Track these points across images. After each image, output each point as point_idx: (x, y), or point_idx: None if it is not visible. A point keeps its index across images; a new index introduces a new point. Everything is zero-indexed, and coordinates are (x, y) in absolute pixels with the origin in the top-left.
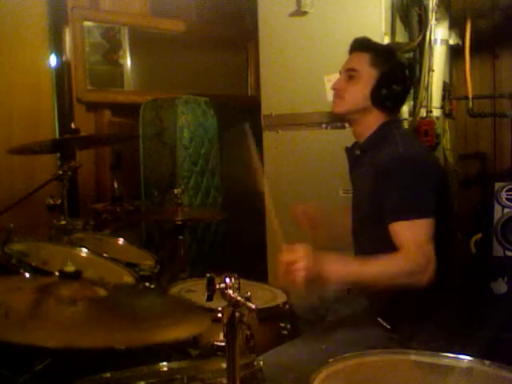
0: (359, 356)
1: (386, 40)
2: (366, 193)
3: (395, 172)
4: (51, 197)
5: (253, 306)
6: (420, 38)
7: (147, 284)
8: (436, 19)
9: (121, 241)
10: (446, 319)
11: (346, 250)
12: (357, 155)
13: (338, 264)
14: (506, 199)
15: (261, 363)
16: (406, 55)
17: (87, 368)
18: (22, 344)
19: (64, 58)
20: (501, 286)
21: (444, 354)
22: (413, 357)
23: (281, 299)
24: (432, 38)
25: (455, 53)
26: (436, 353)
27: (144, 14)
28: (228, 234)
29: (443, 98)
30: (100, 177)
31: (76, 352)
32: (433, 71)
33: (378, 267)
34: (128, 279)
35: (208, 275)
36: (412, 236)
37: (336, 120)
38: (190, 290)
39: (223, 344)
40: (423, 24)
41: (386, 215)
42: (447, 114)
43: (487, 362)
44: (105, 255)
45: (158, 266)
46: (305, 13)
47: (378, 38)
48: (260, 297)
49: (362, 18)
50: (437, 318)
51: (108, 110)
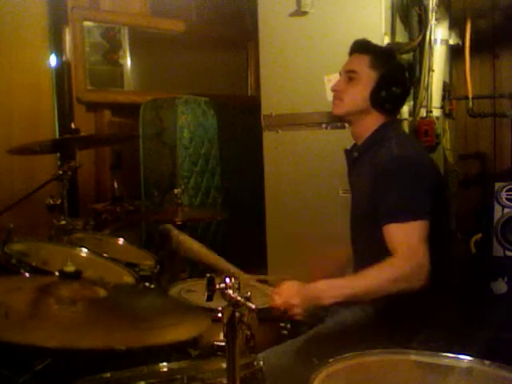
0: (359, 356)
1: (386, 40)
2: (364, 194)
3: (389, 174)
4: (51, 197)
5: (253, 306)
6: (420, 38)
7: (147, 284)
8: (436, 19)
9: (121, 241)
10: (446, 319)
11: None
12: (355, 157)
13: (332, 288)
14: (506, 199)
15: (261, 363)
16: (406, 55)
17: (87, 368)
18: (22, 344)
19: (64, 58)
20: (501, 286)
21: (444, 354)
22: (413, 357)
23: None
24: (432, 38)
25: (455, 53)
26: (436, 353)
27: (144, 14)
28: (228, 234)
29: (443, 98)
30: (100, 177)
31: (76, 352)
32: (433, 71)
33: (373, 278)
34: (128, 279)
35: (208, 275)
36: (405, 239)
37: (336, 120)
38: (190, 290)
39: (223, 344)
40: (423, 24)
41: (380, 217)
42: (447, 114)
43: (487, 362)
44: (105, 255)
45: (158, 266)
46: (305, 13)
47: (378, 38)
48: (260, 297)
49: (362, 18)
50: (437, 318)
51: (108, 110)
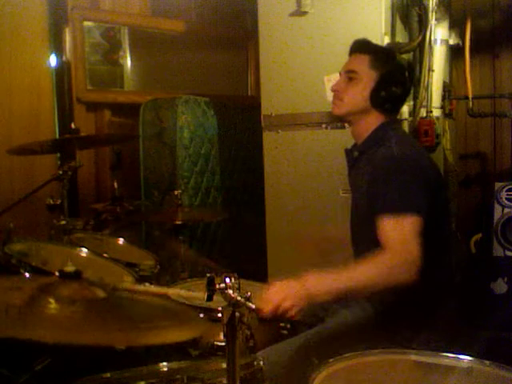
0: (359, 356)
1: (386, 40)
2: (363, 194)
3: (388, 171)
4: (51, 197)
5: (253, 306)
6: (420, 38)
7: (147, 284)
8: (436, 19)
9: (121, 241)
10: (446, 319)
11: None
12: (355, 156)
13: (322, 284)
14: (506, 199)
15: (261, 363)
16: (406, 55)
17: (87, 368)
18: (21, 339)
19: (64, 58)
20: (501, 286)
21: (444, 354)
22: (413, 357)
23: None
24: (432, 38)
25: (455, 53)
26: (436, 353)
27: (144, 14)
28: (228, 234)
29: (443, 98)
30: (100, 177)
31: (76, 352)
32: (433, 71)
33: (363, 272)
34: (128, 279)
35: (208, 275)
36: (397, 232)
37: (336, 120)
38: (190, 290)
39: (223, 344)
40: (423, 24)
41: (375, 210)
42: (447, 114)
43: (487, 362)
44: (105, 255)
45: (158, 266)
46: (305, 13)
47: (378, 38)
48: (260, 297)
49: (362, 18)
50: (437, 318)
51: (108, 110)
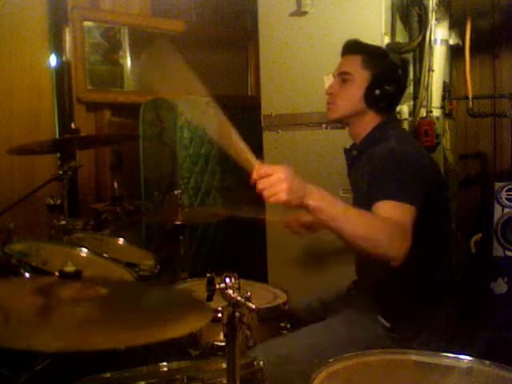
0: (359, 356)
1: (386, 40)
2: (364, 193)
3: (386, 167)
4: (51, 197)
5: (253, 306)
6: (420, 38)
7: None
8: (436, 19)
9: (121, 241)
10: (446, 319)
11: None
12: (354, 156)
13: (322, 200)
14: (506, 199)
15: (261, 363)
16: (406, 55)
17: (87, 368)
18: (24, 350)
19: (64, 58)
20: (501, 286)
21: (444, 354)
22: (413, 357)
23: (281, 299)
24: (432, 38)
25: (455, 53)
26: (436, 353)
27: (144, 14)
28: (228, 234)
29: (443, 98)
30: (100, 177)
31: (76, 352)
32: (433, 71)
33: (368, 219)
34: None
35: (208, 275)
36: (393, 213)
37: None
38: (190, 290)
39: (223, 344)
40: (423, 24)
41: (372, 198)
42: (447, 114)
43: (487, 362)
44: (105, 255)
45: (158, 266)
46: (305, 13)
47: (378, 38)
48: (260, 297)
49: (362, 18)
50: (437, 318)
51: (108, 110)
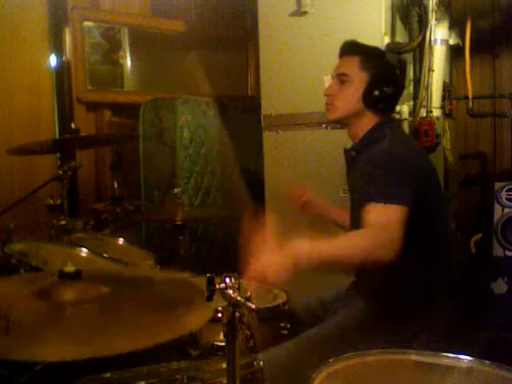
0: (359, 356)
1: (386, 40)
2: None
3: (376, 166)
4: (51, 197)
5: (253, 306)
6: (420, 38)
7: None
8: (436, 19)
9: (121, 241)
10: (446, 319)
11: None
12: (352, 156)
13: (307, 250)
14: (506, 199)
15: (261, 363)
16: (406, 55)
17: (87, 368)
18: (27, 361)
19: (64, 58)
20: (501, 286)
21: (444, 354)
22: (413, 357)
23: (281, 299)
24: (432, 38)
25: (455, 53)
26: (436, 353)
27: (144, 14)
28: (228, 234)
29: (443, 98)
30: (100, 177)
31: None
32: (433, 71)
33: (348, 242)
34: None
35: (208, 275)
36: (382, 216)
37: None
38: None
39: (223, 344)
40: (423, 24)
41: (362, 199)
42: (447, 114)
43: (487, 362)
44: (105, 255)
45: (158, 266)
46: (305, 13)
47: (378, 38)
48: (260, 297)
49: (362, 18)
50: (437, 318)
51: (108, 110)
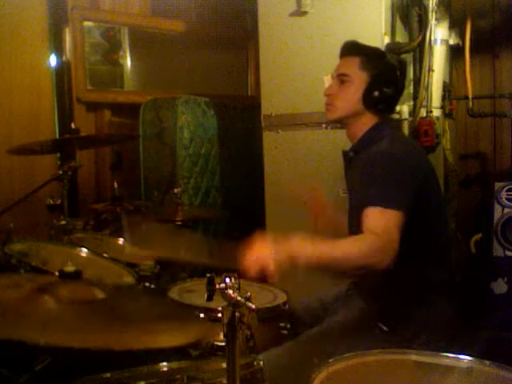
0: (359, 356)
1: (386, 40)
2: (358, 193)
3: (375, 167)
4: (51, 197)
5: (253, 306)
6: (420, 38)
7: (147, 284)
8: (436, 19)
9: (121, 241)
10: (446, 319)
11: None
12: (351, 157)
13: (306, 249)
14: (506, 199)
15: (261, 363)
16: (406, 55)
17: (87, 368)
18: (14, 340)
19: (64, 58)
20: (501, 286)
21: (444, 354)
22: (413, 357)
23: (281, 299)
24: (432, 38)
25: (455, 53)
26: (436, 353)
27: (144, 14)
28: (228, 234)
29: (443, 98)
30: (100, 177)
31: (76, 352)
32: (433, 71)
33: (347, 246)
34: (128, 279)
35: (208, 275)
36: (380, 221)
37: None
38: (190, 290)
39: (223, 344)
40: (423, 24)
41: (361, 203)
42: (447, 114)
43: (487, 362)
44: (105, 255)
45: (158, 266)
46: (305, 13)
47: (378, 38)
48: (260, 297)
49: (362, 18)
50: (437, 318)
51: (108, 110)
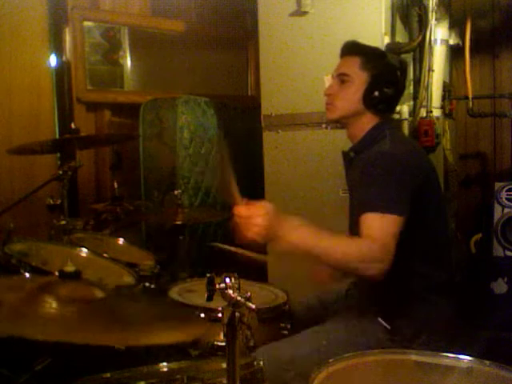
0: (359, 356)
1: (386, 40)
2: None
3: (375, 168)
4: (51, 197)
5: (253, 306)
6: (420, 38)
7: (147, 284)
8: (436, 19)
9: (121, 241)
10: (446, 319)
11: None
12: (351, 157)
13: (297, 231)
14: (506, 199)
15: (261, 363)
16: (406, 55)
17: (87, 368)
18: (12, 336)
19: (64, 58)
20: (501, 286)
21: (444, 354)
22: (413, 357)
23: (281, 299)
24: (432, 38)
25: (455, 53)
26: (436, 353)
27: (144, 14)
28: (228, 234)
29: (443, 98)
30: (100, 177)
31: (76, 352)
32: (433, 71)
33: (343, 245)
34: (128, 279)
35: (208, 275)
36: (378, 226)
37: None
38: (190, 290)
39: (223, 344)
40: (423, 24)
41: (360, 207)
42: (447, 114)
43: (487, 362)
44: (105, 255)
45: (158, 266)
46: (305, 13)
47: (378, 38)
48: (260, 297)
49: (362, 18)
50: (437, 318)
51: (108, 110)
